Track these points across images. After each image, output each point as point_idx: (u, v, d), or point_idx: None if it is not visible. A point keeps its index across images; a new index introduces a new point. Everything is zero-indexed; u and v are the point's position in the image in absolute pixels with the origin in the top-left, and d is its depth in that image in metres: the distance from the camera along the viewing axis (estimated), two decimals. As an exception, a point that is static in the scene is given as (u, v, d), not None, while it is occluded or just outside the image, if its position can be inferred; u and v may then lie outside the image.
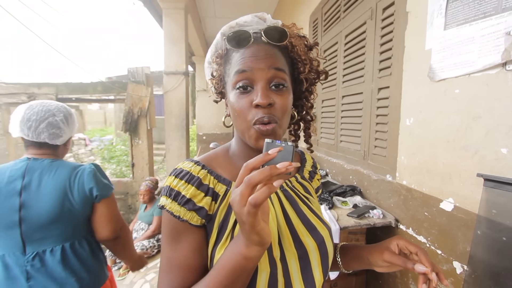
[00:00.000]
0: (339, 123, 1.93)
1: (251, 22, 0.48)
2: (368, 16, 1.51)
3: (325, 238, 0.50)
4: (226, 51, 0.48)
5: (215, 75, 0.52)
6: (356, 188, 1.58)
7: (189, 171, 0.47)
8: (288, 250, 0.46)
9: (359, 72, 1.63)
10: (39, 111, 0.90)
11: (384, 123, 1.37)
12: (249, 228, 0.33)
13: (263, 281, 0.43)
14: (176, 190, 0.46)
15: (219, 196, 0.47)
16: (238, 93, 0.44)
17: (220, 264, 0.39)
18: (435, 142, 1.03)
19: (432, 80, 1.03)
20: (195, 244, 0.45)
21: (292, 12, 3.20)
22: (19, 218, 0.84)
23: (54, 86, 3.34)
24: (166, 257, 0.45)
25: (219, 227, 0.46)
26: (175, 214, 0.45)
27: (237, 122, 0.46)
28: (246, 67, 0.44)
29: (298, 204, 0.52)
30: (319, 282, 0.48)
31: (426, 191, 1.09)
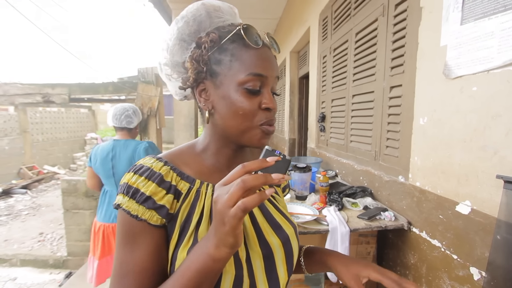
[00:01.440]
0: (349, 122, 1.89)
1: (227, 13, 0.47)
2: (379, 13, 1.47)
3: (290, 236, 0.50)
4: (225, 38, 0.44)
5: (199, 59, 0.45)
6: (367, 189, 1.54)
7: (150, 167, 0.44)
8: (253, 250, 0.46)
9: (370, 71, 1.59)
10: (120, 109, 1.71)
11: (396, 123, 1.33)
12: (229, 230, 0.32)
13: (228, 283, 0.42)
14: (134, 187, 0.42)
15: (181, 194, 0.45)
16: (245, 93, 0.43)
17: (185, 265, 0.37)
18: (451, 142, 0.99)
19: (447, 77, 0.99)
20: (153, 246, 0.42)
21: (301, 10, 3.17)
22: (112, 173, 1.69)
23: (67, 86, 3.42)
24: (120, 261, 0.41)
25: (181, 227, 0.43)
26: (133, 213, 0.41)
27: (236, 121, 0.44)
28: (264, 72, 0.43)
29: (264, 204, 0.51)
30: (283, 281, 0.48)
31: (441, 193, 1.04)
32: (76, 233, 3.55)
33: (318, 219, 1.26)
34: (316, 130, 2.62)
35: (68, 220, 3.53)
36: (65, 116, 9.54)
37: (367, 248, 1.38)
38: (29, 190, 6.40)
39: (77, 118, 10.31)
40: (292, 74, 3.94)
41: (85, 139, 10.36)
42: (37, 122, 8.20)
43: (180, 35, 0.46)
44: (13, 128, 7.06)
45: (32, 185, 6.64)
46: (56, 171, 7.91)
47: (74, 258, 3.56)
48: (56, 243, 3.90)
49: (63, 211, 3.52)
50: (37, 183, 6.84)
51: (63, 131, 9.30)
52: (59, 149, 8.93)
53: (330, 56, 2.22)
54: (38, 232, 4.23)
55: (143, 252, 0.41)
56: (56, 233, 4.18)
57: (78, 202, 3.51)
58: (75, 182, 3.49)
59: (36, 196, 6.09)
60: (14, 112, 7.18)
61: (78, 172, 8.59)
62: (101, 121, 12.97)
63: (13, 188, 6.14)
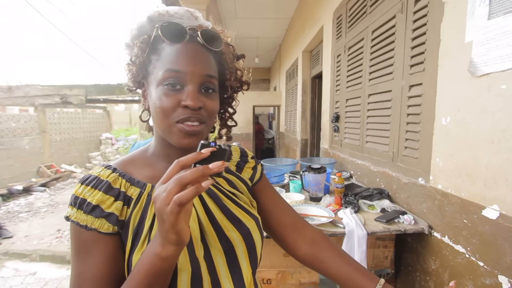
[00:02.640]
0: (364, 123, 1.84)
1: (183, 16, 0.47)
2: (398, 10, 1.43)
3: (251, 229, 0.50)
4: (154, 38, 0.45)
5: (135, 61, 0.47)
6: (384, 192, 1.50)
7: (97, 175, 0.45)
8: (213, 246, 0.46)
9: (387, 69, 1.54)
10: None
11: (416, 123, 1.29)
12: (168, 227, 0.32)
13: (185, 281, 0.42)
14: (81, 197, 0.42)
15: (132, 199, 0.45)
16: (165, 89, 0.43)
17: (136, 268, 0.37)
18: (477, 143, 0.94)
19: (473, 75, 0.94)
20: (107, 254, 0.42)
21: (314, 9, 3.13)
22: None
23: (84, 87, 3.52)
24: (75, 273, 0.41)
25: (134, 233, 0.43)
26: (82, 223, 0.41)
27: (158, 119, 0.44)
28: (180, 67, 0.42)
29: (221, 200, 0.51)
30: (246, 274, 0.48)
31: (465, 197, 1.00)
32: (92, 231, 3.65)
33: (334, 222, 1.23)
34: (329, 131, 2.58)
35: (84, 218, 3.63)
36: (82, 116, 9.83)
37: (385, 252, 1.34)
38: (48, 188, 6.63)
39: (93, 119, 10.60)
40: (305, 74, 3.90)
41: (100, 139, 10.64)
42: (55, 122, 8.48)
43: (125, 41, 0.49)
44: (33, 128, 7.33)
45: (50, 183, 6.87)
46: (73, 170, 8.16)
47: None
48: (73, 240, 4.01)
49: (80, 209, 3.61)
50: (55, 181, 7.08)
51: (79, 131, 9.57)
52: (75, 148, 9.21)
53: (345, 55, 2.18)
54: (56, 229, 4.37)
55: (98, 261, 0.41)
56: (73, 230, 4.29)
57: (94, 201, 3.60)
58: (91, 181, 3.59)
59: (54, 194, 6.30)
60: (34, 113, 7.46)
61: (93, 171, 8.82)
62: (115, 121, 13.28)
63: (33, 186, 6.37)
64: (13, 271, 3.39)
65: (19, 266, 3.50)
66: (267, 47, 6.51)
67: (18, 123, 6.94)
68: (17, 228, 4.43)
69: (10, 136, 6.65)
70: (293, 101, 4.56)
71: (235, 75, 0.53)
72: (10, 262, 3.60)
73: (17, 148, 6.76)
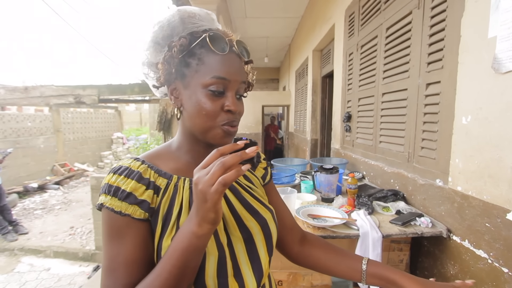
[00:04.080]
0: (378, 122, 1.80)
1: (204, 19, 0.52)
2: (414, 6, 1.39)
3: (268, 220, 0.54)
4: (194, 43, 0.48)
5: (170, 61, 0.49)
6: (399, 193, 1.46)
7: (128, 166, 0.48)
8: (233, 235, 0.50)
9: (403, 67, 1.50)
10: None
11: (433, 122, 1.24)
12: (210, 206, 0.35)
13: (212, 264, 0.45)
14: (115, 185, 0.45)
15: (160, 189, 0.48)
16: (210, 94, 0.47)
17: (172, 247, 0.40)
18: (501, 143, 0.90)
19: (497, 72, 0.90)
20: (139, 239, 0.45)
21: (325, 8, 3.09)
22: None
23: (96, 88, 3.58)
24: (108, 257, 0.44)
25: (163, 219, 0.46)
26: (116, 209, 0.44)
27: (199, 120, 0.48)
28: (227, 76, 0.47)
29: (240, 192, 0.55)
30: (264, 261, 0.51)
31: (487, 199, 0.95)
32: (104, 228, 3.71)
33: (348, 223, 1.20)
34: (341, 130, 2.54)
35: (96, 216, 3.69)
36: (94, 116, 10.04)
37: (400, 255, 1.30)
38: (61, 186, 6.80)
39: (105, 118, 10.82)
40: (315, 73, 3.85)
41: (111, 138, 10.85)
42: (68, 122, 8.70)
43: (154, 38, 0.51)
44: (48, 128, 7.54)
45: (64, 181, 7.04)
46: (85, 169, 8.35)
47: (102, 252, 3.72)
48: (85, 237, 4.09)
49: (92, 207, 3.69)
50: (68, 180, 7.25)
51: (91, 131, 9.79)
52: (88, 147, 9.42)
53: (357, 53, 2.14)
54: (69, 226, 4.47)
55: (131, 245, 0.44)
56: (85, 227, 4.39)
57: (106, 199, 3.66)
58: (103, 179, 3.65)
59: (67, 192, 6.46)
60: (48, 113, 7.67)
61: (105, 170, 9.00)
62: (126, 121, 13.51)
63: (47, 184, 6.54)
64: (29, 267, 3.49)
65: (34, 262, 3.60)
66: (277, 47, 6.48)
67: (34, 122, 7.15)
68: (32, 224, 4.56)
69: (26, 135, 6.86)
70: (303, 100, 4.51)
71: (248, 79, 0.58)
72: (25, 257, 3.71)
73: (33, 147, 6.97)
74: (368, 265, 0.58)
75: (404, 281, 0.53)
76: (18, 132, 6.61)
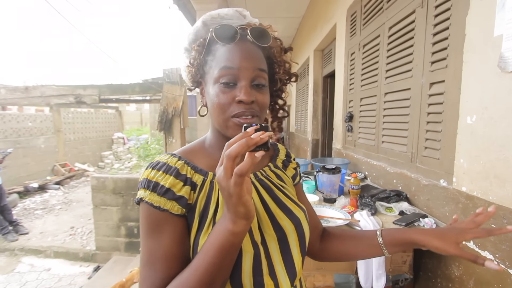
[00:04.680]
0: (380, 122, 1.78)
1: (232, 16, 0.51)
2: (417, 4, 1.37)
3: (301, 219, 0.53)
4: (209, 41, 0.49)
5: (193, 63, 0.52)
6: (402, 193, 1.44)
7: (166, 162, 0.48)
8: (267, 233, 0.49)
9: (406, 67, 1.49)
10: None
11: (437, 122, 1.23)
12: (236, 200, 0.35)
13: (248, 262, 0.45)
14: (154, 181, 0.46)
15: (197, 185, 0.48)
16: (221, 87, 0.46)
17: (208, 244, 0.40)
18: (507, 143, 0.89)
19: (503, 71, 0.89)
20: (177, 234, 0.45)
21: (326, 7, 3.08)
22: None
23: (97, 87, 3.57)
24: (147, 250, 0.44)
25: (200, 216, 0.47)
26: (155, 204, 0.44)
27: (215, 114, 0.48)
28: (234, 64, 0.46)
29: (273, 191, 0.55)
30: (297, 261, 0.51)
31: (493, 200, 0.94)
32: (104, 229, 3.70)
33: (351, 224, 1.19)
34: (342, 131, 2.53)
35: (97, 216, 3.68)
36: (94, 116, 10.04)
37: (403, 256, 1.28)
38: (62, 186, 6.80)
39: (105, 119, 10.82)
40: (316, 73, 3.84)
41: (112, 138, 10.84)
42: (69, 122, 8.70)
43: (184, 45, 0.54)
44: (48, 128, 7.54)
45: (64, 182, 7.04)
46: (86, 169, 8.35)
47: (102, 253, 3.71)
48: (86, 237, 4.09)
49: (92, 207, 3.68)
50: (68, 180, 7.25)
51: (92, 131, 9.79)
52: (88, 147, 9.41)
53: (359, 53, 2.12)
54: (69, 226, 4.46)
55: (169, 239, 0.44)
56: (85, 227, 4.38)
57: (106, 199, 3.65)
58: (103, 180, 3.64)
59: (68, 192, 6.45)
60: (49, 113, 7.67)
61: (105, 170, 8.99)
62: (127, 121, 13.52)
63: (48, 184, 6.54)
64: (29, 267, 3.48)
65: (35, 262, 3.59)
66: (277, 47, 6.46)
67: (35, 122, 7.15)
68: (33, 224, 4.55)
69: (26, 135, 6.86)
70: (304, 100, 4.50)
71: (283, 68, 0.56)
72: (26, 257, 3.70)
73: (33, 147, 6.97)
74: (382, 237, 0.57)
75: (422, 238, 0.52)
76: (19, 132, 6.61)
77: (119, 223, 3.69)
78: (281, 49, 0.55)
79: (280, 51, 0.55)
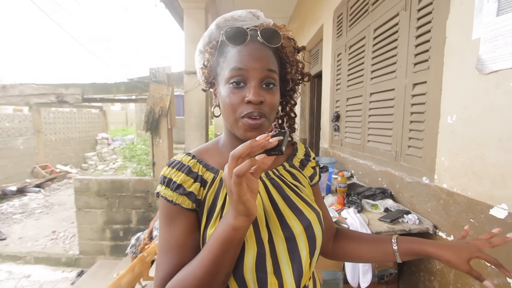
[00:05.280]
0: (366, 122, 1.83)
1: (245, 18, 0.52)
2: (401, 7, 1.42)
3: (312, 221, 0.53)
4: (221, 43, 0.51)
5: (207, 64, 0.54)
6: (387, 191, 1.48)
7: (180, 160, 0.52)
8: (275, 233, 0.50)
9: (390, 68, 1.53)
10: None
11: (420, 121, 1.27)
12: (236, 198, 0.37)
13: (251, 259, 0.46)
14: (168, 177, 0.50)
15: (207, 182, 0.51)
16: (231, 88, 0.48)
17: (213, 237, 0.42)
18: (484, 141, 0.93)
19: (481, 72, 0.93)
20: (188, 225, 0.49)
21: (314, 8, 3.12)
22: None
23: (80, 86, 3.46)
24: (163, 239, 0.49)
25: (208, 211, 0.50)
26: (169, 198, 0.49)
27: (227, 114, 0.50)
28: (242, 65, 0.47)
29: (284, 190, 0.55)
30: (305, 263, 0.51)
31: (472, 196, 0.98)
32: (88, 232, 3.59)
33: (338, 221, 1.21)
34: (329, 130, 2.57)
35: (80, 219, 3.57)
36: (77, 116, 9.72)
37: (388, 252, 1.32)
38: (43, 188, 6.53)
39: (89, 119, 10.49)
40: (303, 74, 3.88)
41: (96, 139, 10.53)
42: (50, 122, 8.38)
43: (199, 47, 0.56)
44: (28, 128, 7.23)
45: (45, 184, 6.77)
46: (68, 170, 8.06)
47: (86, 257, 3.59)
48: (69, 241, 3.95)
49: (76, 210, 3.56)
50: (50, 182, 6.98)
51: (75, 131, 9.47)
52: (71, 148, 9.10)
53: (345, 54, 2.17)
54: (51, 231, 4.30)
55: (181, 230, 0.48)
56: (68, 231, 4.23)
57: (90, 201, 3.54)
58: (87, 181, 3.53)
59: (49, 195, 6.21)
60: (28, 113, 7.35)
61: (89, 172, 8.73)
62: (111, 121, 13.16)
63: (27, 187, 6.27)
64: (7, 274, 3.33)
65: (13, 269, 3.43)
66: (265, 47, 6.48)
67: (12, 122, 6.84)
68: (11, 229, 4.35)
69: (4, 136, 6.54)
70: (292, 101, 4.54)
71: (296, 67, 0.56)
72: (3, 264, 3.53)
73: (11, 148, 6.66)
74: (398, 244, 0.58)
75: (436, 251, 0.54)
76: (-5, 133, 6.30)
77: (104, 226, 3.59)
78: (294, 49, 0.56)
79: (293, 51, 0.55)
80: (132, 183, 3.50)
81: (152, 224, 2.77)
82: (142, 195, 3.51)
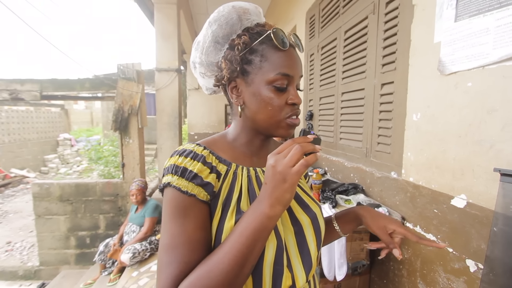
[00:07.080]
0: (338, 120, 1.89)
1: (253, 13, 0.52)
2: (370, 11, 1.49)
3: (317, 214, 0.55)
4: (255, 40, 0.49)
5: (231, 59, 0.50)
6: (358, 186, 1.55)
7: (192, 149, 0.50)
8: (285, 226, 0.51)
9: (360, 68, 1.60)
10: None
11: (388, 119, 1.35)
12: (288, 186, 0.39)
13: (272, 251, 0.46)
14: (182, 166, 0.47)
15: (221, 174, 0.50)
16: (274, 90, 0.48)
17: (242, 226, 0.41)
18: (445, 137, 1.01)
19: (442, 73, 1.01)
20: (201, 219, 0.46)
21: (287, 9, 3.16)
22: None
23: (38, 82, 3.17)
24: (170, 235, 0.44)
25: (223, 204, 0.48)
26: (183, 189, 0.45)
27: (265, 115, 0.50)
28: (290, 71, 0.49)
29: None
30: (314, 255, 0.52)
31: (435, 188, 1.06)
32: (50, 241, 3.32)
33: (314, 217, 1.24)
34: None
35: (40, 227, 3.28)
36: (35, 115, 8.93)
37: (361, 244, 1.38)
38: (-6, 195, 5.90)
39: (48, 118, 9.69)
40: (277, 73, 3.92)
41: (57, 140, 9.76)
42: (2, 122, 7.61)
43: (214, 37, 0.51)
44: (-25, 129, 6.49)
45: (-2, 190, 6.13)
46: (25, 175, 7.38)
47: (48, 268, 3.32)
48: (27, 252, 3.61)
49: (35, 217, 3.27)
50: (3, 188, 6.34)
51: (32, 132, 8.69)
52: (28, 151, 8.34)
53: (318, 54, 2.23)
54: (5, 241, 3.90)
55: (194, 225, 0.45)
56: (26, 241, 3.87)
57: (52, 207, 3.27)
58: (48, 186, 3.26)
59: (2, 202, 5.63)
60: (-25, 111, 6.60)
61: (50, 175, 8.06)
62: (75, 121, 12.28)
63: (-25, 194, 5.63)
64: (-48, 292, 2.96)
65: (-41, 286, 3.06)
66: (239, 46, 6.45)
67: (-44, 122, 6.09)
68: (-44, 242, 3.87)
69: None
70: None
71: None
72: None
73: (-45, 151, 5.93)
74: (337, 222, 0.65)
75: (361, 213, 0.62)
76: None
77: (68, 234, 3.34)
78: None
79: None
80: (99, 187, 3.29)
81: (122, 229, 2.63)
82: (111, 199, 3.31)
